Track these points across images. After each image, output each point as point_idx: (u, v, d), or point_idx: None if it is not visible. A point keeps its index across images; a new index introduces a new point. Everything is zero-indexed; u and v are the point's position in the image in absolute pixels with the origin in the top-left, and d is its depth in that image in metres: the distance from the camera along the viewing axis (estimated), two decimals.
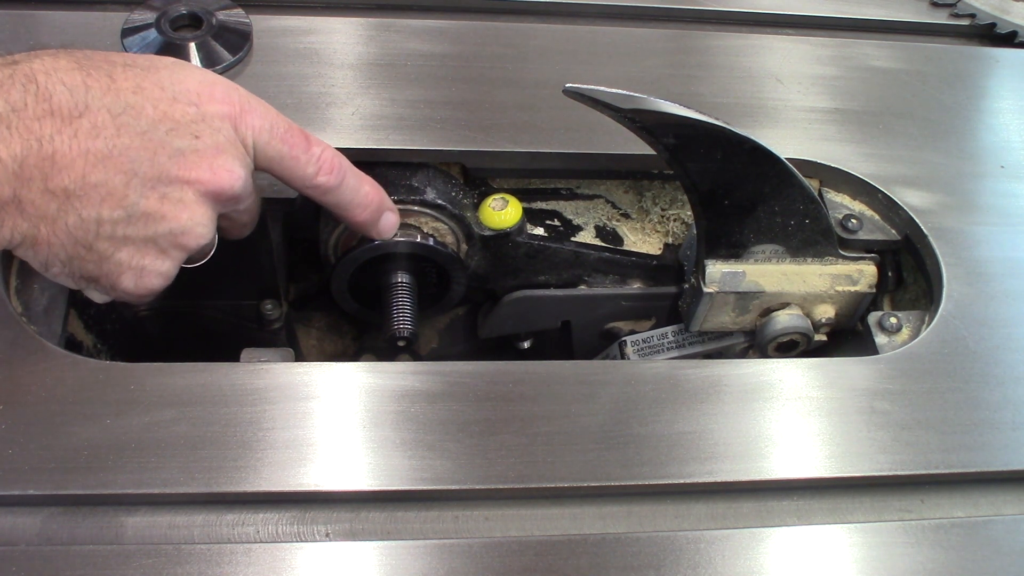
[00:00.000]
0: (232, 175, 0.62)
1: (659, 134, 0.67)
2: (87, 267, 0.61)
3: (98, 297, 0.66)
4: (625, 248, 0.87)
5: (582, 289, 0.86)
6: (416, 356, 0.91)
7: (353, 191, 0.69)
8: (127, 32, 0.82)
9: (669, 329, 0.83)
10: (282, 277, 0.85)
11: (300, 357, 0.89)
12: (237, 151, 0.63)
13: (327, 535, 0.60)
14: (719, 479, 0.63)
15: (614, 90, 0.65)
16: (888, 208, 0.80)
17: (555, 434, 0.64)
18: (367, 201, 0.71)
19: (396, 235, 0.77)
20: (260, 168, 0.66)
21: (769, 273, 0.75)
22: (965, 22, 1.00)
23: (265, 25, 0.85)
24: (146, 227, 0.61)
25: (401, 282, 0.79)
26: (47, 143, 0.56)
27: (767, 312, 0.77)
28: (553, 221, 0.87)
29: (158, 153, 0.59)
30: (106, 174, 0.58)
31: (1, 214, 0.56)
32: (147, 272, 0.63)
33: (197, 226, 0.62)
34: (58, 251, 0.59)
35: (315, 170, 0.66)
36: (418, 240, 0.77)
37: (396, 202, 0.76)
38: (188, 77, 0.62)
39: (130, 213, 0.60)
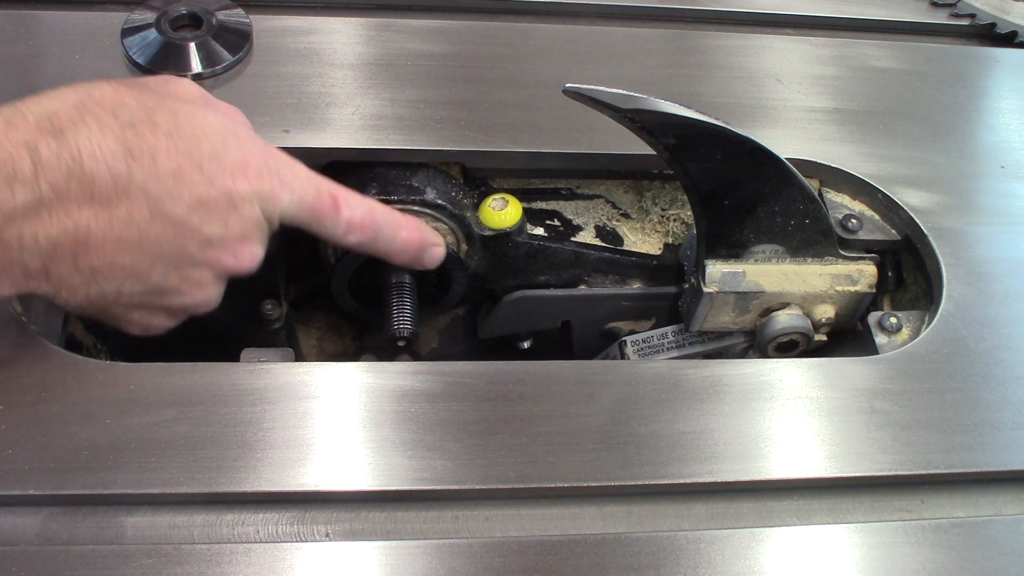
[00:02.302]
0: (253, 259, 0.64)
1: (659, 134, 0.67)
2: (98, 317, 0.64)
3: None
4: (625, 248, 0.87)
5: (582, 289, 0.86)
6: (416, 356, 0.90)
7: (388, 241, 0.70)
8: (127, 32, 0.82)
9: (669, 329, 0.83)
10: (282, 277, 0.85)
11: (300, 357, 0.89)
12: (261, 233, 0.65)
13: (327, 535, 0.60)
14: (719, 479, 0.63)
15: (614, 90, 0.65)
16: (888, 208, 0.80)
17: (555, 434, 0.64)
18: (405, 248, 0.71)
19: None
20: (287, 225, 0.67)
21: (769, 273, 0.75)
22: (965, 22, 0.99)
23: (265, 25, 0.85)
24: (160, 298, 0.63)
25: (401, 282, 0.79)
26: (83, 228, 0.57)
27: (767, 312, 0.78)
28: (553, 221, 0.87)
29: (188, 241, 0.61)
30: (133, 258, 0.60)
31: (28, 280, 0.58)
32: (153, 328, 0.66)
33: (210, 300, 0.65)
34: (73, 307, 0.62)
35: (344, 231, 0.67)
36: None
37: (396, 202, 0.77)
38: (228, 151, 0.62)
39: (149, 288, 0.62)
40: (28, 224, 0.55)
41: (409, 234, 0.71)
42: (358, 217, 0.67)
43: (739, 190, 0.71)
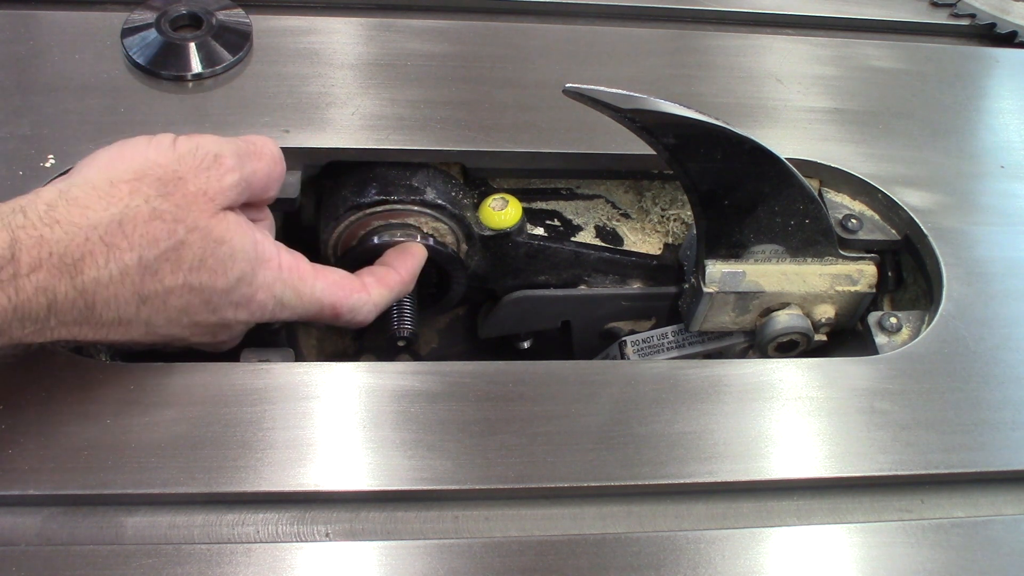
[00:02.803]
0: (231, 347, 0.69)
1: (659, 134, 0.67)
2: None
3: None
4: (625, 248, 0.87)
5: (582, 289, 0.86)
6: (416, 356, 0.90)
7: (392, 300, 0.74)
8: (127, 32, 0.82)
9: (669, 329, 0.83)
10: None
11: (300, 357, 0.89)
12: (244, 333, 0.68)
13: (327, 535, 0.60)
14: (719, 479, 0.63)
15: (614, 90, 0.65)
16: (888, 208, 0.80)
17: (555, 434, 0.64)
18: (408, 290, 0.76)
19: (396, 235, 0.77)
20: None
21: (769, 273, 0.75)
22: (965, 22, 0.99)
23: (265, 25, 0.85)
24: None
25: None
26: (79, 336, 0.60)
27: (767, 312, 0.77)
28: (553, 221, 0.87)
29: (173, 343, 0.65)
30: (117, 342, 0.62)
31: None
32: None
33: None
34: None
35: (348, 322, 0.71)
36: (418, 240, 0.77)
37: (396, 202, 0.77)
38: (240, 287, 0.63)
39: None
40: (29, 338, 0.57)
41: (403, 284, 0.75)
42: (360, 318, 0.71)
43: (739, 190, 0.71)
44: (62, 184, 0.59)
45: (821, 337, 0.78)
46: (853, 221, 0.79)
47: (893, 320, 0.75)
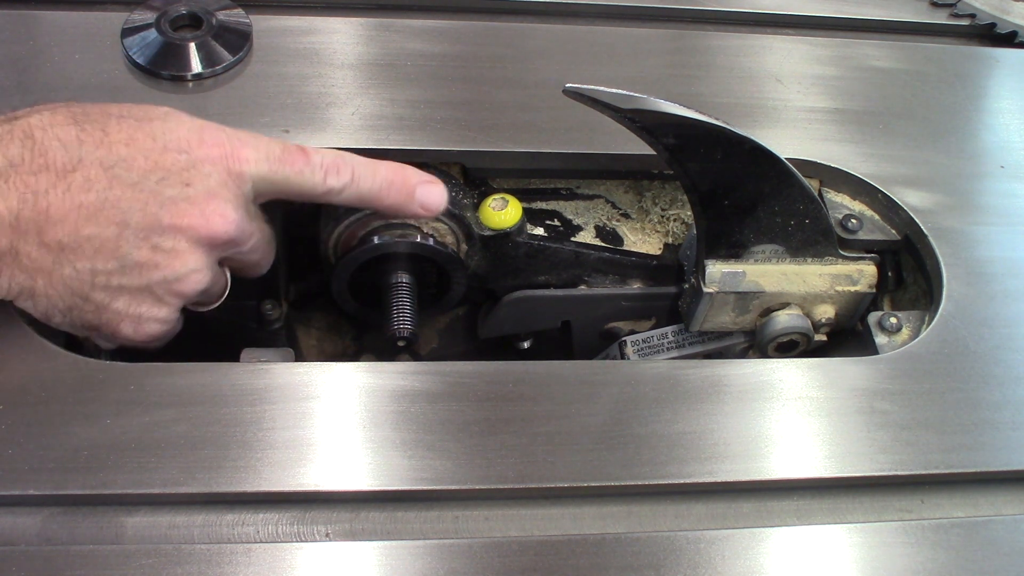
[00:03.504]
0: (225, 219, 0.63)
1: (659, 134, 0.67)
2: (86, 316, 0.63)
3: (105, 344, 0.69)
4: (625, 248, 0.87)
5: (582, 289, 0.86)
6: (416, 356, 0.90)
7: (369, 180, 0.69)
8: (127, 32, 0.82)
9: (669, 329, 0.83)
10: (282, 277, 0.85)
11: (300, 357, 0.89)
12: (229, 193, 0.64)
13: (327, 535, 0.60)
14: (719, 479, 0.63)
15: (614, 90, 0.65)
16: (888, 208, 0.80)
17: (555, 434, 0.64)
18: (388, 182, 0.70)
19: (396, 235, 0.77)
20: (269, 196, 0.67)
21: (769, 273, 0.75)
22: (965, 22, 1.00)
23: (265, 25, 0.85)
24: (140, 276, 0.63)
25: (401, 282, 0.79)
26: (42, 197, 0.58)
27: (767, 312, 0.78)
28: (553, 221, 0.87)
29: (149, 203, 0.61)
30: (98, 227, 0.60)
31: (1, 264, 0.59)
32: (144, 319, 0.65)
33: (192, 272, 0.64)
34: (56, 302, 0.62)
35: (322, 176, 0.67)
36: (418, 240, 0.77)
37: None
38: (179, 126, 0.63)
39: (123, 264, 0.62)
40: None
41: (390, 170, 0.70)
42: (330, 159, 0.67)
43: (739, 190, 0.71)
44: None
45: (821, 337, 0.78)
46: (853, 221, 0.79)
47: (893, 320, 0.75)
